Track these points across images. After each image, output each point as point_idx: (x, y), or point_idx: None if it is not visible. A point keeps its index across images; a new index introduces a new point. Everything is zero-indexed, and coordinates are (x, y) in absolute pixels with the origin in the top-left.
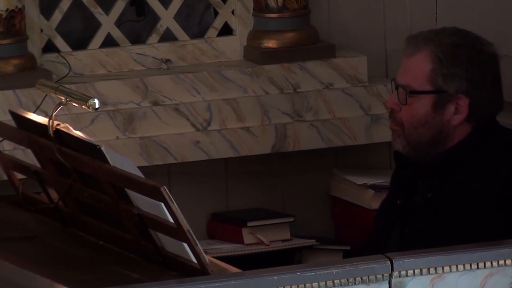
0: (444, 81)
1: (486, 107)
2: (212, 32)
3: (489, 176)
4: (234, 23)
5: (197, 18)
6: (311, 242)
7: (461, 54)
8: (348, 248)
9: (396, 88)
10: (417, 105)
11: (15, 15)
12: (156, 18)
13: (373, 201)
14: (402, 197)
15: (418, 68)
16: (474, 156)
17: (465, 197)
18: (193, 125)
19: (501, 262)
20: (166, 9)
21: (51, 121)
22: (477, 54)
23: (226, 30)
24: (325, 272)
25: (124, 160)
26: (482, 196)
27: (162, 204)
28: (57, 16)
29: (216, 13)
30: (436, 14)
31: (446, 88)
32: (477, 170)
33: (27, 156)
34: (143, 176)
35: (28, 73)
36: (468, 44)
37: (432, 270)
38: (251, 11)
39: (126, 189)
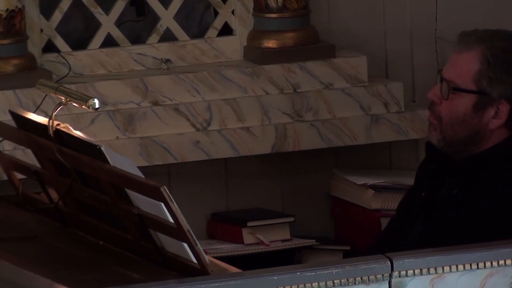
0: (489, 84)
1: None
2: (212, 32)
3: None
4: (234, 23)
5: (197, 18)
6: (311, 242)
7: (511, 61)
8: (348, 248)
9: (441, 80)
10: (457, 102)
11: (15, 15)
12: (156, 18)
13: (373, 201)
14: (427, 190)
15: (465, 66)
16: (505, 162)
17: (486, 198)
18: (193, 125)
19: (501, 262)
20: (166, 9)
21: (51, 121)
22: None
23: (226, 30)
24: (325, 272)
25: (124, 160)
26: (504, 200)
27: (162, 204)
28: (57, 16)
29: (216, 13)
30: (436, 14)
31: (490, 91)
32: (504, 176)
33: (27, 156)
34: (143, 176)
35: (28, 73)
36: None
37: (432, 270)
38: (251, 11)
39: (126, 189)
